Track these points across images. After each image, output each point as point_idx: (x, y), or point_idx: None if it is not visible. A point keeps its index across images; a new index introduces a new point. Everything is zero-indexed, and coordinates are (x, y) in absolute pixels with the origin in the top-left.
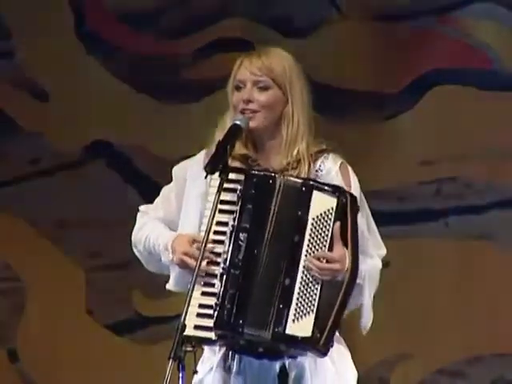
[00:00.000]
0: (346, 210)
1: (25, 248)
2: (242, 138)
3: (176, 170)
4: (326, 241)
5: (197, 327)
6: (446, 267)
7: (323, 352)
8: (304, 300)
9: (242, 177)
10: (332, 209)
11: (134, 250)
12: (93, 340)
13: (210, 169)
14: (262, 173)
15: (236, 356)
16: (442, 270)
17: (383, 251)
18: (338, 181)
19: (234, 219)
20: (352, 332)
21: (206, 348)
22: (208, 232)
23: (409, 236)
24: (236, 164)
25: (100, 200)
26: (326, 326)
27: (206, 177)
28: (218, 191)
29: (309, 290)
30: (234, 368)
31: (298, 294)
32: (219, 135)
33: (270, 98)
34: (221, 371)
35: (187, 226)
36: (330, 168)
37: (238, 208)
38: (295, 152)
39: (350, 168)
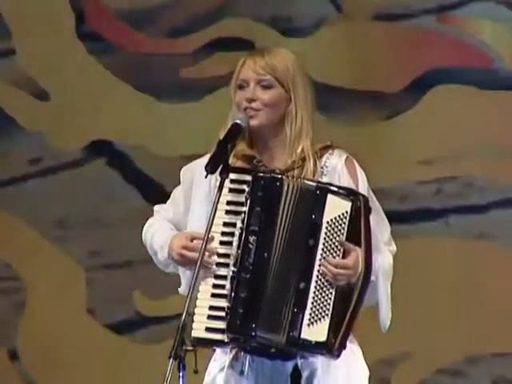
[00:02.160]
0: (359, 213)
1: (25, 248)
2: (245, 137)
3: (183, 172)
4: (340, 244)
5: (208, 329)
6: (446, 267)
7: (336, 355)
8: (319, 304)
9: (249, 178)
10: (346, 212)
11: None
12: (93, 340)
13: (210, 168)
14: (269, 174)
15: (248, 356)
16: (442, 270)
17: (393, 247)
18: (344, 176)
19: (243, 221)
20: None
21: None
22: (208, 231)
23: (409, 236)
24: (241, 164)
25: (100, 200)
26: (340, 329)
27: (206, 176)
28: (218, 190)
29: (323, 294)
30: (246, 368)
31: (313, 298)
32: (222, 134)
33: (273, 96)
34: (232, 371)
35: (194, 229)
36: (336, 164)
37: (246, 210)
38: (299, 150)
39: (355, 162)
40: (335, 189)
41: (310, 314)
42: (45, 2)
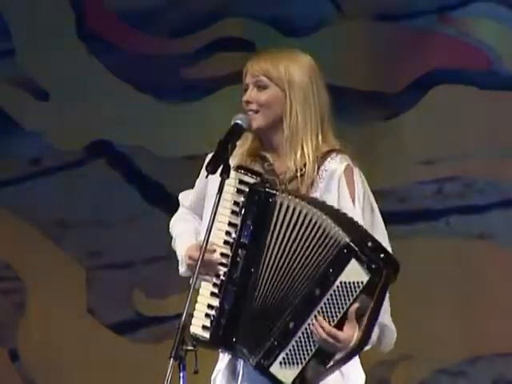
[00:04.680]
0: (375, 288)
1: (25, 248)
2: (255, 139)
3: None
4: (342, 309)
5: (205, 328)
6: (446, 267)
7: None
8: (298, 351)
9: (246, 188)
10: (362, 283)
11: None
12: (93, 340)
13: (210, 168)
14: (264, 189)
15: (242, 361)
16: (442, 270)
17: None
18: (342, 184)
19: (235, 232)
20: None
21: None
22: (208, 232)
23: (409, 236)
24: (254, 164)
25: (100, 200)
26: (311, 378)
27: (206, 176)
28: (218, 191)
29: (306, 344)
30: (241, 372)
31: (296, 341)
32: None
33: (269, 96)
34: (228, 374)
35: (204, 224)
36: (335, 169)
37: (239, 221)
38: (299, 152)
39: (356, 171)
40: (362, 255)
41: (287, 355)
42: (45, 2)
